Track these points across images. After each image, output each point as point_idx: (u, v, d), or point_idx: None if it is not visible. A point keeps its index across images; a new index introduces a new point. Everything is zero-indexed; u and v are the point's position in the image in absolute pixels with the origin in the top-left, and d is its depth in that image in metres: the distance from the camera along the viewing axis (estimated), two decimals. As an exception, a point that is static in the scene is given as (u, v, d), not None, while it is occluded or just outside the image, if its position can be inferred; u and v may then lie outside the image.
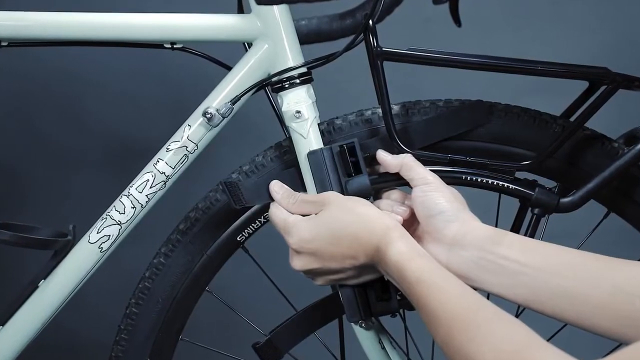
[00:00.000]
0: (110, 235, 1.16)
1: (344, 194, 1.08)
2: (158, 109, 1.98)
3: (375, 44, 1.08)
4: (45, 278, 1.17)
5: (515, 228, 1.15)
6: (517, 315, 1.19)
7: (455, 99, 1.16)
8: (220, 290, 1.26)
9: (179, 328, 1.24)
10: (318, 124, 1.13)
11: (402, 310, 1.18)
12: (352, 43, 1.10)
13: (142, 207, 1.15)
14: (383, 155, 1.08)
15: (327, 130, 1.15)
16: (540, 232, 1.13)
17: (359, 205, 1.04)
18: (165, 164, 1.14)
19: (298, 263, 1.05)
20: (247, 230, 1.20)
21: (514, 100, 1.16)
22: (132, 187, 1.15)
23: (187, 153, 1.14)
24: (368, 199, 1.08)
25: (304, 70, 1.12)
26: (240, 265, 1.30)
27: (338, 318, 1.22)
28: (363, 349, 1.18)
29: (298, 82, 1.11)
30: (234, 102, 1.12)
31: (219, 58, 1.18)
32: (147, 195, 1.15)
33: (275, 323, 1.20)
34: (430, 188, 1.04)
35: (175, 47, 1.15)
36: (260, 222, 1.20)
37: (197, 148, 1.14)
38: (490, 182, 1.10)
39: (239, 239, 1.21)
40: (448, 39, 1.38)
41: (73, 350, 2.09)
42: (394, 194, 1.09)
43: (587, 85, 1.14)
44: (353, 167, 1.09)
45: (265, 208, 1.15)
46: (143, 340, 1.23)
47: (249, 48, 1.13)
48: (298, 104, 1.11)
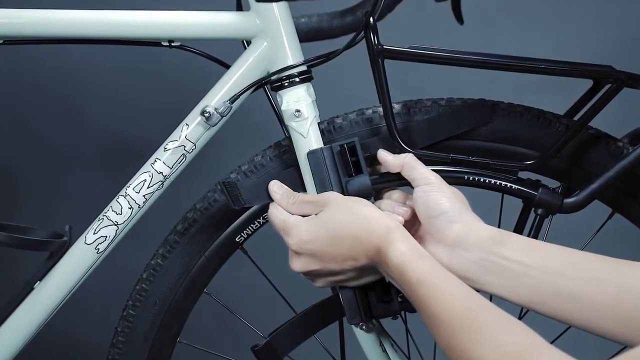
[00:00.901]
0: (107, 236, 1.15)
1: (345, 194, 1.08)
2: (156, 108, 1.98)
3: (376, 42, 1.08)
4: (41, 279, 1.17)
5: (519, 229, 1.15)
6: (520, 317, 1.19)
7: (457, 98, 1.15)
8: (219, 292, 1.26)
9: (177, 330, 1.23)
10: (318, 123, 1.13)
11: (403, 312, 1.17)
12: (352, 41, 1.10)
13: (139, 207, 1.15)
14: (384, 155, 1.08)
15: (327, 130, 1.15)
16: (544, 232, 1.13)
17: (360, 206, 1.04)
18: (163, 164, 1.14)
19: (298, 264, 1.05)
20: (245, 231, 1.20)
21: (517, 99, 1.16)
22: (129, 187, 1.15)
23: (185, 152, 1.13)
24: (369, 199, 1.08)
25: (304, 69, 1.12)
26: (239, 267, 1.30)
27: (338, 320, 1.22)
28: (364, 352, 1.18)
29: (298, 80, 1.11)
30: (233, 100, 1.12)
31: (218, 56, 1.17)
32: (144, 196, 1.14)
33: (275, 325, 1.19)
34: (432, 188, 1.03)
35: (173, 45, 1.15)
36: (259, 222, 1.20)
37: (195, 147, 1.14)
38: (493, 182, 1.10)
39: (238, 240, 1.20)
40: (450, 37, 1.38)
41: (69, 353, 2.09)
42: (395, 194, 1.09)
43: (591, 84, 1.14)
44: (353, 166, 1.09)
45: (265, 208, 1.15)
46: (140, 343, 1.22)
47: (248, 46, 1.13)
48: (298, 103, 1.11)
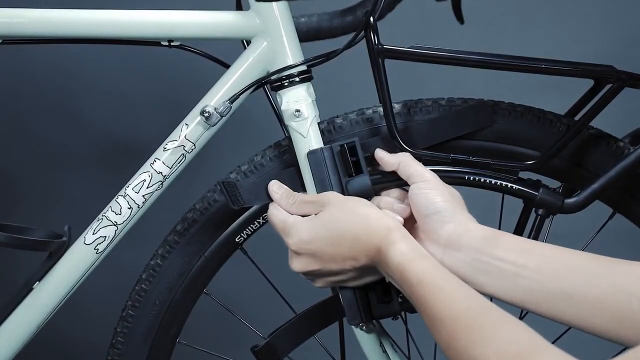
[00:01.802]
0: (106, 237, 1.15)
1: (345, 194, 1.08)
2: (155, 108, 1.98)
3: (376, 42, 1.08)
4: (40, 280, 1.17)
5: (519, 229, 1.15)
6: (521, 317, 1.19)
7: (458, 98, 1.15)
8: (219, 293, 1.25)
9: (177, 331, 1.23)
10: (318, 123, 1.12)
11: (403, 313, 1.17)
12: (352, 40, 1.10)
13: (138, 207, 1.15)
14: (381, 154, 1.08)
15: (327, 130, 1.15)
16: (545, 233, 1.13)
17: (360, 206, 1.03)
18: (163, 164, 1.13)
19: (297, 264, 1.05)
20: (245, 232, 1.20)
21: (518, 99, 1.16)
22: (128, 187, 1.14)
23: (184, 152, 1.13)
24: (369, 200, 1.07)
25: (304, 68, 1.11)
26: (239, 267, 1.30)
27: (338, 320, 1.21)
28: (364, 352, 1.18)
29: (298, 80, 1.11)
30: (233, 100, 1.11)
31: (217, 56, 1.17)
32: (143, 196, 1.14)
33: (275, 326, 1.19)
34: (428, 186, 1.03)
35: (173, 44, 1.14)
36: (259, 223, 1.19)
37: (194, 147, 1.13)
38: (494, 182, 1.10)
39: (238, 240, 1.20)
40: (450, 37, 1.38)
41: (68, 354, 2.09)
42: (394, 192, 1.09)
43: (592, 84, 1.14)
44: (354, 166, 1.09)
45: (264, 209, 1.14)
46: (140, 344, 1.22)
47: (248, 45, 1.13)
48: (298, 103, 1.10)
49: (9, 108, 2.02)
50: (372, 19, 1.07)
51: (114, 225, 1.15)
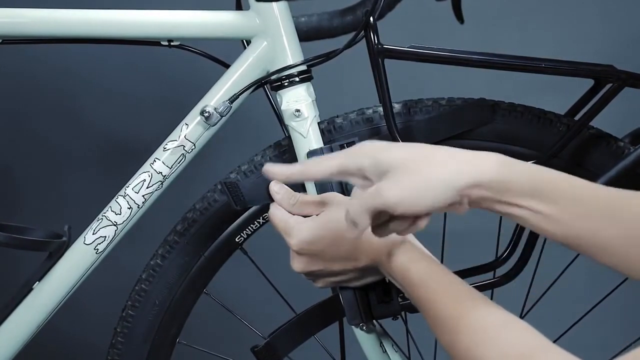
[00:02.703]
0: (106, 237, 1.15)
1: (345, 195, 1.07)
2: (155, 108, 1.97)
3: (376, 41, 1.08)
4: (40, 280, 1.17)
5: (519, 230, 1.14)
6: (521, 317, 1.18)
7: (458, 98, 1.15)
8: (218, 293, 1.25)
9: (176, 331, 1.23)
10: (318, 123, 1.12)
11: (403, 313, 1.16)
12: (352, 40, 1.10)
13: (138, 207, 1.14)
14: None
15: (327, 130, 1.15)
16: (545, 233, 1.12)
17: (360, 206, 1.03)
18: (162, 164, 1.13)
19: (299, 265, 1.04)
20: (245, 232, 1.20)
21: (518, 99, 1.16)
22: (128, 187, 1.14)
23: (184, 152, 1.13)
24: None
25: (304, 68, 1.11)
26: (239, 267, 1.30)
27: (338, 320, 1.21)
28: (364, 352, 1.17)
29: (297, 80, 1.11)
30: (232, 100, 1.11)
31: (217, 55, 1.17)
32: (143, 196, 1.14)
33: (275, 326, 1.19)
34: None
35: (173, 44, 1.14)
36: (259, 223, 1.19)
37: (194, 147, 1.13)
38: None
39: (238, 240, 1.20)
40: (450, 36, 1.37)
41: (68, 354, 2.08)
42: None
43: (592, 83, 1.14)
44: (354, 166, 1.08)
45: (264, 209, 1.14)
46: (140, 344, 1.22)
47: (248, 45, 1.13)
48: (298, 103, 1.10)
49: (9, 108, 2.02)
50: (372, 19, 1.08)
51: (114, 225, 1.15)
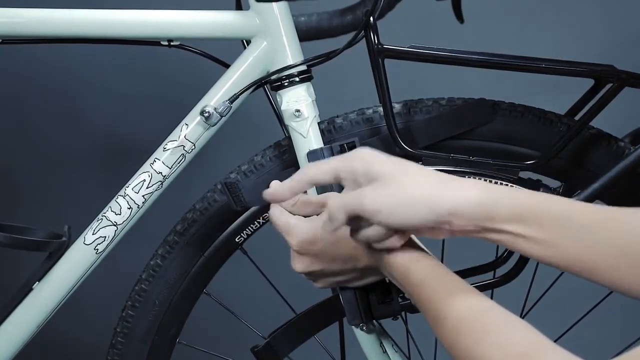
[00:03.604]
0: (106, 237, 1.15)
1: (345, 195, 1.07)
2: (155, 108, 1.97)
3: (376, 41, 1.08)
4: (40, 280, 1.17)
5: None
6: (522, 317, 1.18)
7: (458, 98, 1.15)
8: (219, 293, 1.25)
9: (176, 331, 1.23)
10: (318, 123, 1.12)
11: (403, 313, 1.16)
12: (352, 40, 1.10)
13: (138, 207, 1.14)
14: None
15: (327, 130, 1.15)
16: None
17: (360, 206, 1.03)
18: (162, 164, 1.13)
19: (299, 265, 1.04)
20: (245, 232, 1.20)
21: (518, 99, 1.16)
22: (128, 187, 1.14)
23: (184, 153, 1.13)
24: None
25: (304, 68, 1.11)
26: (239, 267, 1.30)
27: (338, 320, 1.21)
28: (364, 352, 1.17)
29: (297, 80, 1.11)
30: (232, 100, 1.11)
31: (217, 55, 1.17)
32: (143, 196, 1.14)
33: (275, 326, 1.19)
34: None
35: (173, 44, 1.14)
36: (259, 223, 1.19)
37: (194, 147, 1.13)
38: (494, 182, 1.09)
39: (238, 240, 1.20)
40: (450, 36, 1.37)
41: (68, 354, 2.08)
42: None
43: (592, 83, 1.13)
44: (354, 167, 1.08)
45: (264, 209, 1.14)
46: (139, 344, 1.22)
47: (248, 45, 1.13)
48: (297, 103, 1.10)
49: (9, 108, 2.02)
50: (372, 19, 1.07)
51: (114, 226, 1.15)
